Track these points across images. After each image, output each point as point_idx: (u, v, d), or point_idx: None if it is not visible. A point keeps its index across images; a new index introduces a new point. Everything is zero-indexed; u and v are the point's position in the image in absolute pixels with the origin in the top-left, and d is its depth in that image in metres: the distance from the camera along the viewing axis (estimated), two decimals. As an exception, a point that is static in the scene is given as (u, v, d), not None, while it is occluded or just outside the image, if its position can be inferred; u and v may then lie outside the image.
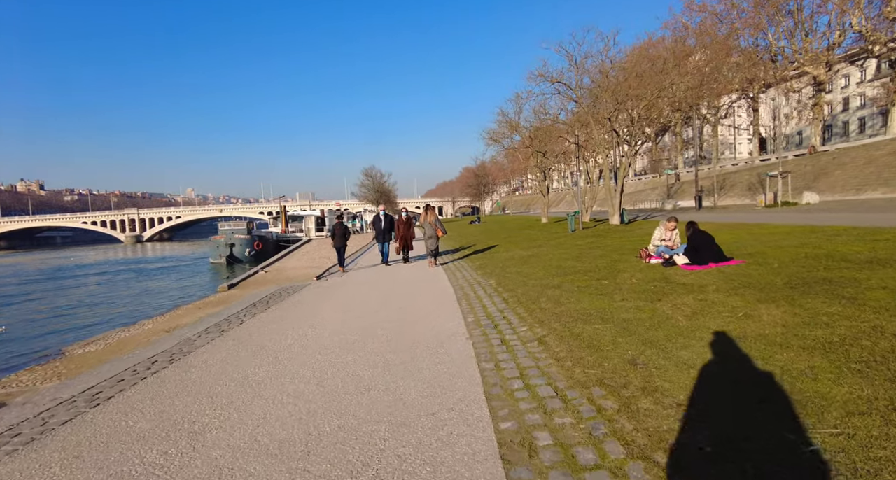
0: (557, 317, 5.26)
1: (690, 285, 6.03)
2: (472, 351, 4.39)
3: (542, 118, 23.46)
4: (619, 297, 5.86)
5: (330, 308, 7.24)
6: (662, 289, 6.02)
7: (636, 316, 4.85)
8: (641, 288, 6.30)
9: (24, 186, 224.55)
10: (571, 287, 6.94)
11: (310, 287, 9.96)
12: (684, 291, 5.72)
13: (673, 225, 8.49)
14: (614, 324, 4.65)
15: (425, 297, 7.63)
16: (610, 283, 6.88)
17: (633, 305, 5.36)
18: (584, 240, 14.65)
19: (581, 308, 5.55)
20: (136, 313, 16.53)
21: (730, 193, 36.92)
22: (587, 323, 4.86)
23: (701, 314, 4.63)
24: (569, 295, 6.39)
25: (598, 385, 3.26)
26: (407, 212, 13.04)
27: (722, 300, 5.02)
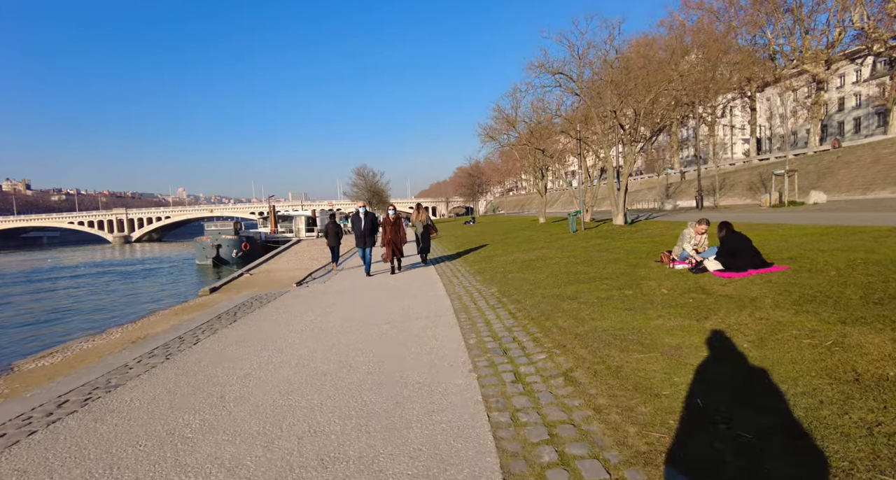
0: (582, 340, 4.20)
1: (737, 298, 4.99)
2: (479, 393, 3.32)
3: (541, 114, 22.44)
4: (653, 313, 4.81)
5: (304, 323, 6.14)
6: (704, 303, 4.98)
7: (686, 342, 3.81)
8: (677, 300, 5.26)
9: (10, 186, 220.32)
10: (590, 298, 5.89)
11: (287, 295, 8.84)
12: (734, 306, 4.68)
13: (704, 227, 7.48)
14: (661, 353, 3.60)
15: (417, 309, 6.55)
16: (636, 294, 5.83)
17: (676, 325, 4.32)
18: (588, 241, 13.63)
19: (609, 327, 4.49)
20: (110, 319, 15.38)
21: (729, 193, 36.19)
22: (624, 350, 3.80)
23: (771, 340, 3.59)
24: (589, 309, 5.33)
25: (673, 462, 2.20)
26: (395, 210, 10.90)
27: (790, 320, 3.99)
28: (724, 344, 3.66)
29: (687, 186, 44.50)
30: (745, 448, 2.22)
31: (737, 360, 3.30)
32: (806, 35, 39.42)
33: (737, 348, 3.52)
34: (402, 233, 10.72)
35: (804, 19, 39.39)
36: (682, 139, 67.39)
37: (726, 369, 3.18)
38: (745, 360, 3.28)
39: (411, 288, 8.52)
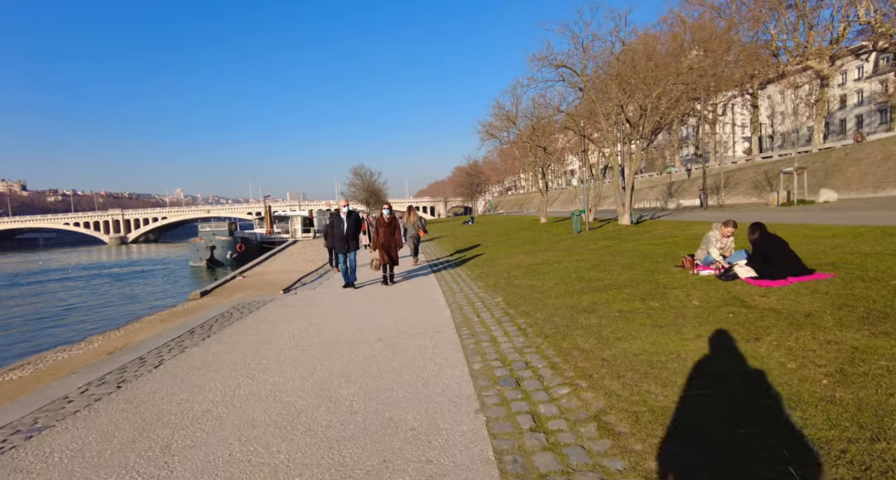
0: (611, 368, 3.47)
1: (787, 313, 4.27)
2: (490, 448, 2.58)
3: (544, 110, 21.71)
4: (690, 332, 4.09)
5: (284, 340, 5.39)
6: (747, 319, 4.26)
7: (739, 371, 3.08)
8: (713, 315, 4.53)
9: (5, 186, 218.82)
10: (610, 311, 5.16)
11: (272, 304, 8.09)
12: (786, 324, 3.96)
13: (731, 229, 6.74)
14: (713, 390, 2.87)
15: (414, 322, 5.81)
16: (663, 306, 5.11)
17: (722, 348, 3.59)
18: (596, 243, 12.90)
19: (641, 350, 3.77)
20: (94, 325, 14.67)
21: (733, 192, 35.50)
22: (666, 383, 3.07)
23: (855, 373, 2.86)
24: (612, 325, 4.60)
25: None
26: (391, 209, 9.32)
27: (869, 344, 3.26)
28: (792, 379, 2.92)
29: (689, 185, 43.81)
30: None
31: (822, 405, 2.56)
32: (810, 30, 38.76)
33: (814, 386, 2.79)
34: (398, 238, 8.86)
35: (808, 14, 38.74)
36: (682, 137, 66.74)
37: (814, 417, 2.45)
38: (835, 405, 2.55)
39: (407, 296, 7.78)
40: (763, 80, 47.46)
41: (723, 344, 3.68)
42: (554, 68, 16.96)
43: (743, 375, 3.06)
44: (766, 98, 59.02)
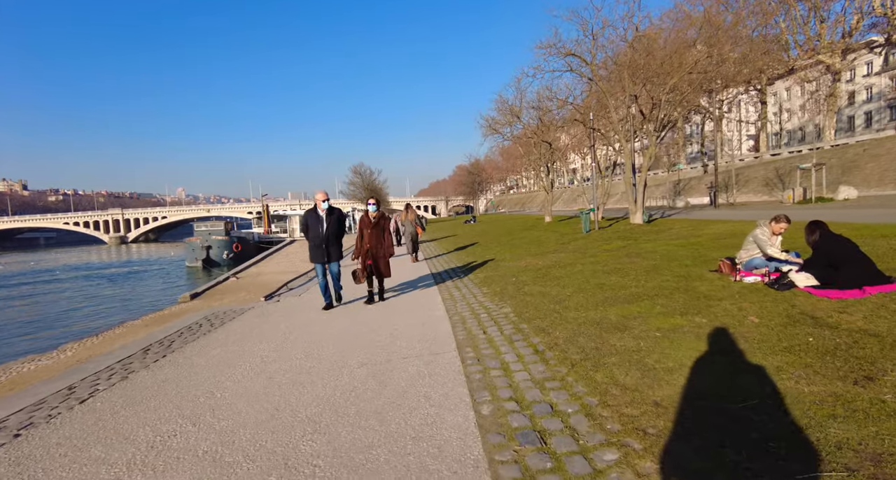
0: (671, 419, 2.52)
1: (892, 337, 3.30)
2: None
3: (550, 102, 20.67)
4: (766, 363, 3.12)
5: (250, 364, 4.44)
6: (836, 345, 3.29)
7: (870, 432, 2.12)
8: (784, 337, 3.57)
9: (6, 186, 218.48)
10: (647, 329, 4.20)
11: (250, 313, 7.14)
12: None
13: (784, 226, 5.76)
14: (859, 466, 1.91)
15: (407, 339, 4.85)
16: (711, 322, 4.14)
17: (825, 391, 2.63)
18: (609, 243, 11.92)
19: (707, 390, 2.80)
20: (78, 329, 13.83)
21: (743, 189, 34.44)
22: (763, 452, 2.11)
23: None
24: (655, 349, 3.64)
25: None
26: (378, 205, 7.19)
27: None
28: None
29: (697, 183, 42.77)
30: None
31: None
32: (821, 23, 37.64)
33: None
34: (389, 243, 6.87)
35: (819, 7, 37.58)
36: (686, 135, 65.59)
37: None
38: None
39: (402, 305, 6.81)
40: (772, 76, 46.33)
41: (824, 386, 2.71)
42: (562, 57, 15.98)
43: (885, 440, 2.10)
44: (771, 95, 57.92)
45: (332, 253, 6.70)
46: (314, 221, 6.56)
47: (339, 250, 6.83)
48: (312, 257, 6.67)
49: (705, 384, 2.93)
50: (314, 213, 6.59)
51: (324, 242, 6.55)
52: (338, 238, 6.75)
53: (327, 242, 6.58)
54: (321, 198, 6.61)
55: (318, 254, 6.63)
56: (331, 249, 6.65)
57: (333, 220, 6.64)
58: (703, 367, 3.20)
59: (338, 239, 6.76)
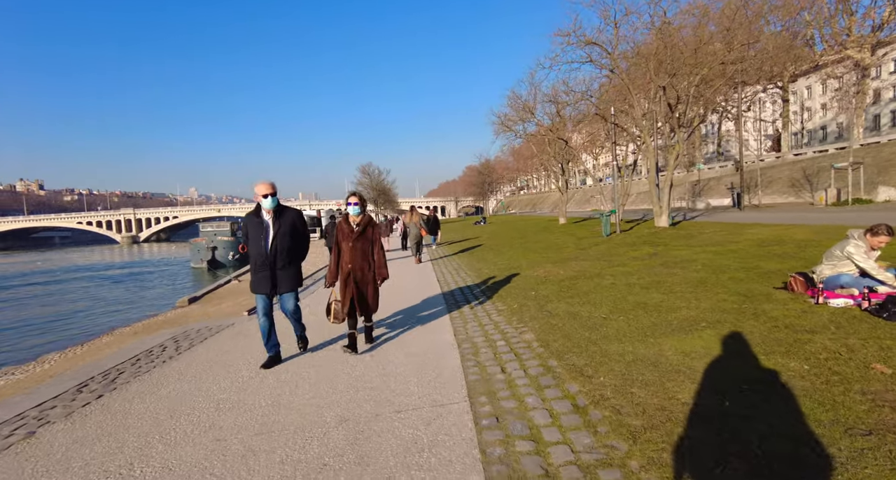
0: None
1: None
2: None
3: (565, 98, 19.49)
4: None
5: (199, 414, 3.42)
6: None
7: None
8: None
9: (24, 186, 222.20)
10: (725, 376, 3.10)
11: (225, 333, 6.12)
12: None
13: (885, 239, 4.58)
14: None
15: (404, 383, 3.79)
16: (817, 371, 3.03)
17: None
18: (636, 249, 10.77)
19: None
20: (69, 334, 13.14)
21: (767, 190, 32.83)
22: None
23: None
24: (751, 411, 2.55)
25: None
26: (362, 204, 4.67)
27: None
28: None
29: (716, 183, 41.21)
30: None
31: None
32: (850, 16, 35.85)
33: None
34: (380, 260, 4.68)
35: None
36: (702, 135, 63.74)
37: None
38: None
39: (400, 324, 5.75)
40: (794, 73, 44.52)
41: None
42: (581, 46, 14.80)
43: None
44: (791, 93, 55.95)
45: (283, 279, 4.29)
46: (255, 229, 4.28)
47: (294, 274, 4.40)
48: (253, 285, 4.30)
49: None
50: (255, 217, 4.30)
51: (269, 262, 4.20)
52: (293, 254, 4.38)
53: (274, 262, 4.22)
54: (263, 191, 4.21)
55: (260, 281, 4.24)
56: (279, 273, 4.26)
57: (284, 227, 4.26)
58: (855, 461, 2.09)
59: (293, 255, 4.37)
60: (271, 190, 4.25)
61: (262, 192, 4.22)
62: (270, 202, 4.24)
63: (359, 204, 4.62)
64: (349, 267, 4.52)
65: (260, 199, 4.25)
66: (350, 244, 4.53)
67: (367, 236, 4.63)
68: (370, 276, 4.63)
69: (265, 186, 4.24)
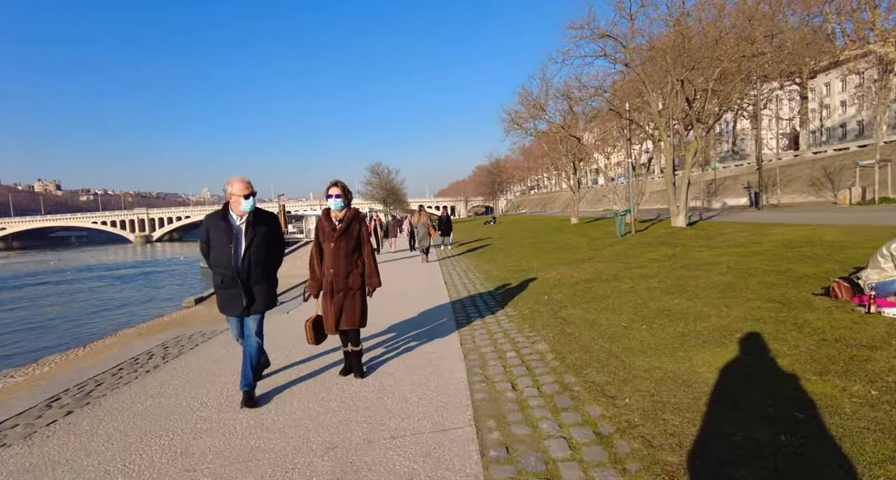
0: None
1: None
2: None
3: (577, 94, 18.94)
4: None
5: (169, 437, 3.05)
6: None
7: None
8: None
9: (42, 186, 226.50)
10: (773, 398, 2.65)
11: (214, 342, 5.77)
12: None
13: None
14: None
15: (400, 400, 3.40)
16: (888, 397, 2.57)
17: None
18: (653, 250, 10.26)
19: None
20: (74, 334, 13.03)
21: (786, 190, 31.91)
22: None
23: None
24: (814, 449, 2.10)
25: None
26: (347, 198, 3.81)
27: None
28: None
29: (732, 183, 40.27)
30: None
31: None
32: (874, 10, 34.69)
33: None
34: (371, 266, 3.86)
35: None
36: (717, 133, 62.48)
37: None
38: None
39: (395, 323, 5.36)
40: (813, 69, 43.28)
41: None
42: (595, 40, 14.27)
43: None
44: (810, 90, 54.54)
45: (260, 295, 3.46)
46: (222, 236, 3.37)
47: (269, 291, 3.56)
48: (222, 304, 3.50)
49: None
50: (223, 221, 3.38)
51: (242, 277, 3.37)
52: (269, 268, 3.55)
53: (248, 278, 3.39)
54: (242, 190, 3.37)
55: (230, 300, 3.42)
56: (255, 288, 3.44)
57: (261, 235, 3.44)
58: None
59: (269, 269, 3.55)
60: (251, 189, 3.42)
61: (240, 192, 3.36)
62: (250, 204, 3.41)
63: (342, 196, 3.74)
64: (330, 272, 3.71)
65: (234, 200, 3.37)
66: (332, 244, 3.72)
67: (352, 234, 3.77)
68: (356, 283, 3.76)
69: (244, 185, 3.38)
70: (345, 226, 3.75)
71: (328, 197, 3.77)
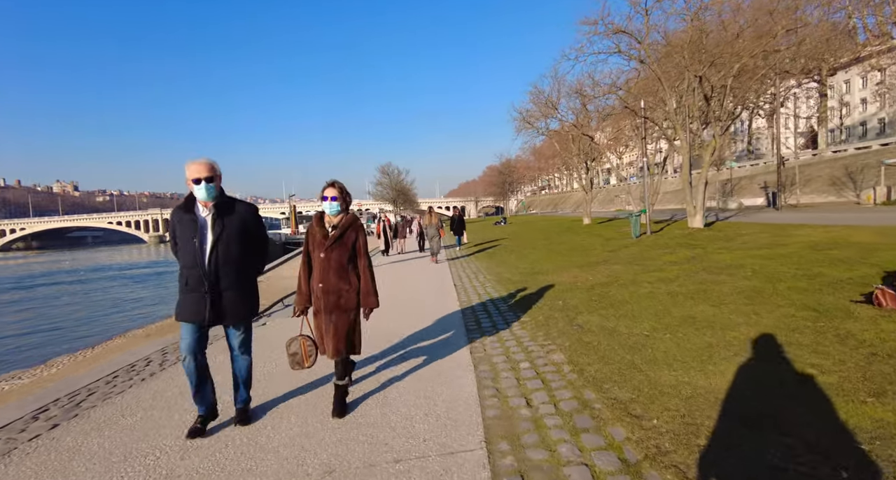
0: None
1: None
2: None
3: (590, 92, 18.54)
4: None
5: (155, 456, 2.82)
6: None
7: None
8: None
9: (60, 187, 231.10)
10: (820, 422, 2.34)
11: (218, 344, 5.53)
12: None
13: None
14: None
15: (405, 416, 3.15)
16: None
17: None
18: (672, 252, 9.89)
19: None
20: (84, 335, 13.02)
21: (805, 189, 31.09)
22: None
23: None
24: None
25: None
26: (342, 199, 3.18)
27: None
28: None
29: (748, 182, 39.42)
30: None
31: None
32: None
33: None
34: (367, 284, 3.23)
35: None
36: (732, 132, 61.34)
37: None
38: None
39: (401, 329, 5.10)
40: (833, 66, 42.20)
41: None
42: (609, 36, 13.91)
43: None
44: (829, 88, 53.25)
45: (231, 303, 2.90)
46: (185, 230, 2.87)
47: (247, 295, 3.01)
48: (180, 308, 2.88)
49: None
50: (185, 213, 2.89)
51: (209, 279, 2.81)
52: (244, 267, 2.97)
53: (216, 279, 2.84)
54: (193, 173, 2.79)
55: (190, 304, 2.84)
56: (226, 294, 2.88)
57: (231, 228, 2.89)
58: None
59: (243, 269, 2.98)
60: (207, 172, 2.78)
61: (192, 175, 2.76)
62: (205, 191, 2.78)
63: (338, 199, 3.15)
64: (318, 287, 3.16)
65: (192, 187, 2.80)
66: (323, 254, 3.14)
67: (347, 243, 3.16)
68: (350, 303, 3.17)
69: (195, 167, 2.78)
70: (339, 233, 3.16)
71: (323, 199, 3.19)
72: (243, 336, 3.14)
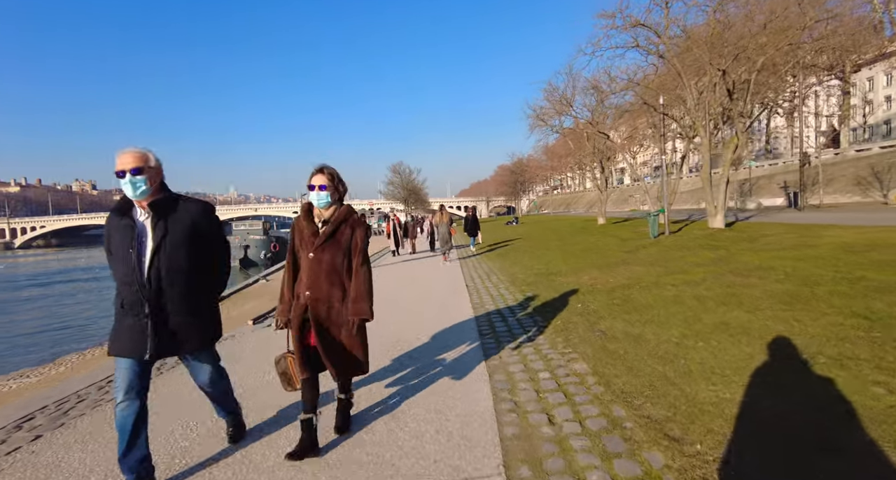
0: None
1: None
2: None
3: (606, 88, 18.04)
4: None
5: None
6: None
7: None
8: None
9: (79, 186, 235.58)
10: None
11: (217, 348, 5.34)
12: None
13: None
14: None
15: (415, 433, 2.85)
16: None
17: None
18: (694, 254, 9.46)
19: None
20: (90, 335, 12.96)
21: (827, 189, 30.15)
22: None
23: None
24: None
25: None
26: (335, 190, 2.64)
27: None
28: None
29: (767, 182, 38.45)
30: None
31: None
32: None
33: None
34: (358, 279, 2.62)
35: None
36: (749, 131, 60.10)
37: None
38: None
39: (409, 334, 4.80)
40: (857, 62, 40.91)
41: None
42: (627, 29, 13.45)
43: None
44: (852, 85, 51.78)
45: (182, 329, 2.29)
46: (119, 237, 2.23)
47: (203, 318, 2.42)
48: (113, 340, 2.24)
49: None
50: (120, 217, 2.25)
51: (147, 298, 2.18)
52: (196, 281, 2.34)
53: (157, 299, 2.20)
54: (120, 165, 2.20)
55: (125, 333, 2.20)
56: (172, 319, 2.25)
57: (176, 233, 2.27)
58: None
59: (195, 284, 2.34)
60: (133, 162, 2.21)
61: (118, 166, 2.20)
62: (131, 186, 2.19)
63: (328, 188, 2.60)
64: (306, 294, 2.60)
65: (125, 181, 2.20)
66: (310, 254, 2.60)
67: (341, 241, 2.62)
68: (342, 312, 2.62)
69: (122, 157, 2.21)
70: (331, 230, 2.60)
71: (310, 188, 2.62)
72: (208, 367, 2.55)
